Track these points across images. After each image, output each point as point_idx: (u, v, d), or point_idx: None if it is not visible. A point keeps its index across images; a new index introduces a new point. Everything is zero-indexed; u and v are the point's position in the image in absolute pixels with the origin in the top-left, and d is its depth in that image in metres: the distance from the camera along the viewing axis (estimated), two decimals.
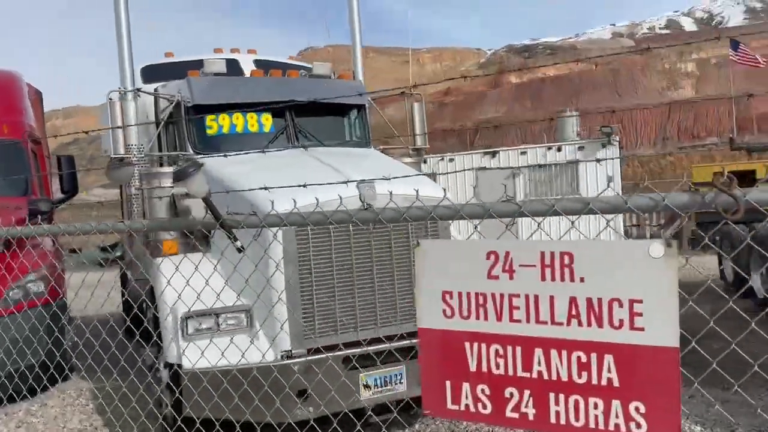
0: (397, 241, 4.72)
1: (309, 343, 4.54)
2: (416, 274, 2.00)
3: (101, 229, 2.85)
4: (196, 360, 4.37)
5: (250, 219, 2.35)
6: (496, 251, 1.85)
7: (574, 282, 1.76)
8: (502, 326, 1.86)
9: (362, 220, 2.39)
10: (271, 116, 6.35)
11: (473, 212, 2.13)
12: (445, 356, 1.96)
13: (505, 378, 1.86)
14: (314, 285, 4.54)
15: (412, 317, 4.80)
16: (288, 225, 2.40)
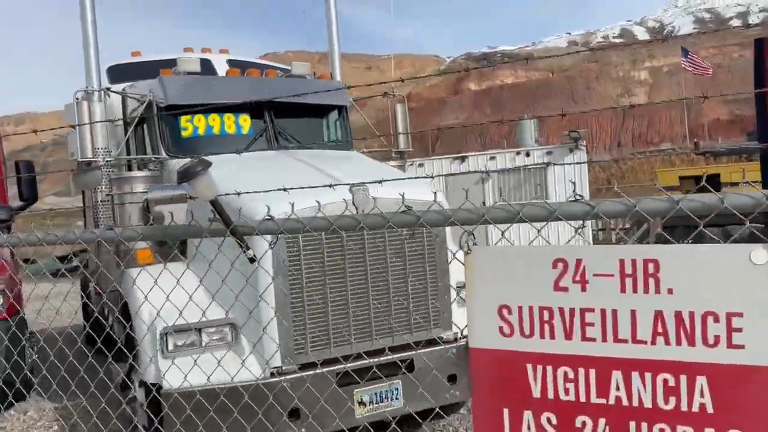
0: (392, 248, 4.46)
1: (301, 358, 4.24)
2: (467, 286, 1.74)
3: (86, 237, 2.52)
4: (178, 380, 4.03)
5: (265, 224, 2.06)
6: (565, 259, 1.61)
7: (660, 294, 1.53)
8: (572, 345, 1.62)
9: (370, 225, 2.14)
10: (250, 117, 6.02)
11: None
12: (502, 381, 1.71)
13: (576, 405, 1.62)
14: (306, 295, 4.24)
15: (408, 328, 4.54)
16: (311, 231, 2.12)
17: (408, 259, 4.50)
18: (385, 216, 2.17)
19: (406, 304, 4.49)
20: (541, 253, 1.64)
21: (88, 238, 2.69)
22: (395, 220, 2.14)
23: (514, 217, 1.83)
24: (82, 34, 6.23)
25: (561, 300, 1.62)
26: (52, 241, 2.62)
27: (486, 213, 1.88)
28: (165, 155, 5.77)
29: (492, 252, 1.72)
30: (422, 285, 4.56)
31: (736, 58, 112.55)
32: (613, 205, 1.85)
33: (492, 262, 1.70)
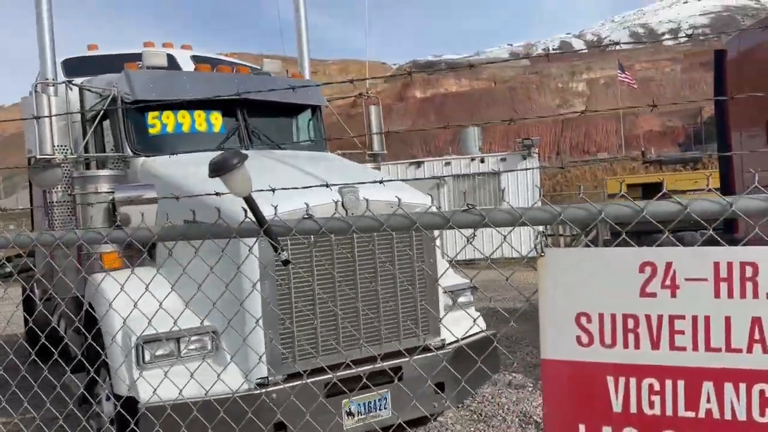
0: (381, 252, 4.30)
1: (287, 368, 4.02)
2: (539, 292, 1.61)
3: (89, 238, 2.27)
4: (153, 392, 3.75)
5: (304, 224, 1.87)
6: (653, 262, 1.50)
7: (758, 299, 1.44)
8: (659, 356, 1.51)
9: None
10: (221, 115, 5.76)
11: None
12: (579, 394, 1.58)
13: (662, 420, 1.51)
14: (293, 302, 4.03)
15: (396, 336, 4.39)
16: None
17: (397, 264, 4.35)
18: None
19: (395, 310, 4.34)
20: (625, 256, 1.53)
21: (92, 239, 2.43)
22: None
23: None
24: (36, 23, 5.84)
25: (648, 307, 1.51)
26: (73, 241, 2.37)
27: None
28: (130, 153, 5.45)
29: (569, 255, 1.60)
30: (411, 291, 4.42)
31: (667, 72, 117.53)
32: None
33: (568, 265, 1.58)
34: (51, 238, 2.68)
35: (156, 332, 3.88)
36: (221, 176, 1.92)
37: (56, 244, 5.18)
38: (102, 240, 2.28)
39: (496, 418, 5.79)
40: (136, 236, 2.17)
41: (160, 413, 3.69)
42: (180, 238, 2.07)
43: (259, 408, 3.79)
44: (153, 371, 3.93)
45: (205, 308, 3.94)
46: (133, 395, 3.88)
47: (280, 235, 1.95)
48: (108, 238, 2.41)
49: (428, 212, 2.05)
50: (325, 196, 4.05)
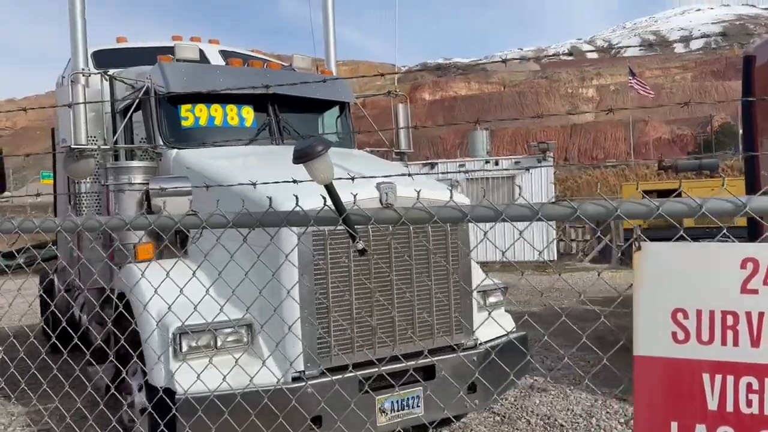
0: (416, 248, 4.28)
1: (324, 362, 4.00)
2: (635, 288, 1.59)
3: (161, 223, 2.26)
4: (191, 383, 3.74)
5: (385, 213, 1.85)
6: (755, 258, 1.48)
7: None
8: (759, 353, 1.49)
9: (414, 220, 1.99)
10: (253, 110, 5.75)
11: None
12: (672, 391, 1.56)
13: (760, 418, 1.49)
14: (331, 296, 4.02)
15: (430, 334, 4.36)
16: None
17: (432, 261, 4.34)
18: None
19: (429, 307, 4.32)
20: (726, 252, 1.51)
21: (164, 224, 2.42)
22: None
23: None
24: (69, 12, 5.85)
25: (749, 303, 1.49)
26: (119, 227, 2.36)
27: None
28: (162, 144, 5.45)
29: (666, 250, 1.58)
30: (445, 288, 4.40)
31: (678, 80, 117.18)
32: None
33: (666, 260, 1.56)
34: (95, 223, 2.67)
35: (193, 323, 3.88)
36: (305, 163, 1.91)
37: (83, 235, 5.16)
38: (148, 227, 2.28)
39: (520, 420, 5.76)
40: (210, 222, 2.16)
41: (198, 405, 3.67)
42: (256, 225, 2.05)
43: (297, 401, 3.77)
44: (190, 362, 3.92)
45: (240, 300, 3.93)
46: (170, 386, 3.86)
47: (358, 224, 1.93)
48: (155, 225, 2.40)
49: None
50: (366, 190, 4.04)
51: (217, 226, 2.39)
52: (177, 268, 3.56)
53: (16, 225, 2.96)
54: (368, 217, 1.89)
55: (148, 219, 2.61)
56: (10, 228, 3.00)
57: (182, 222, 2.31)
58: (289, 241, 3.88)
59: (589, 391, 6.46)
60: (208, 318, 3.83)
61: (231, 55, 6.89)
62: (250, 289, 3.51)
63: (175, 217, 2.39)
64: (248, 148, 5.45)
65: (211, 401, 3.64)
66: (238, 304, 4.03)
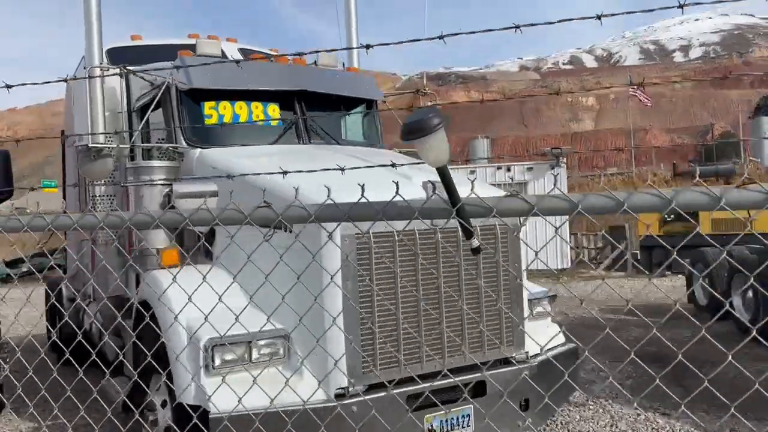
0: (465, 252, 3.96)
1: (369, 378, 3.68)
2: None
3: (227, 216, 1.95)
4: (227, 401, 3.41)
5: (510, 202, 1.54)
6: None
7: None
8: None
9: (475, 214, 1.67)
10: (278, 107, 5.45)
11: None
12: None
13: None
14: (376, 305, 3.70)
15: (479, 347, 4.04)
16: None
17: (482, 268, 4.02)
18: (487, 205, 1.69)
19: (479, 317, 4.00)
20: None
21: (231, 218, 2.11)
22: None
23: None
24: (83, 6, 5.56)
25: None
26: (177, 222, 2.06)
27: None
28: (184, 144, 5.14)
29: None
30: (495, 297, 4.08)
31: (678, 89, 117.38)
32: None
33: None
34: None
35: (226, 335, 3.56)
36: (416, 140, 1.58)
37: (98, 241, 4.82)
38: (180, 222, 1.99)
39: None
40: (286, 216, 1.84)
41: (233, 424, 3.35)
42: (343, 219, 1.75)
43: (338, 421, 3.44)
44: (222, 378, 3.59)
45: (274, 309, 3.61)
46: (202, 405, 3.54)
47: (475, 216, 1.61)
48: (190, 219, 2.11)
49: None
50: (411, 190, 3.73)
51: (297, 221, 2.08)
52: (205, 275, 3.25)
53: (25, 222, 2.64)
54: (489, 207, 1.57)
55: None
56: (18, 226, 2.68)
57: (252, 215, 2.01)
58: (330, 245, 3.57)
59: (629, 406, 6.13)
60: (240, 329, 3.52)
61: (249, 53, 6.60)
62: (287, 297, 3.20)
63: (308, 209, 2.05)
64: (275, 147, 5.15)
65: (248, 421, 3.33)
66: (274, 315, 3.72)
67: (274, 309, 3.30)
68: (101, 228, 2.49)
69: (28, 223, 2.65)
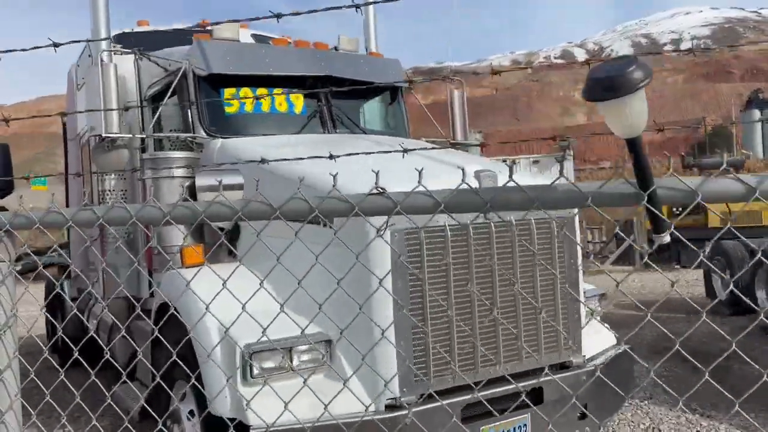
0: (521, 248, 3.65)
1: (421, 387, 3.36)
2: None
3: (294, 208, 1.65)
4: (267, 413, 3.08)
5: (715, 184, 1.21)
6: None
7: None
8: None
9: None
10: (302, 95, 5.11)
11: None
12: None
13: None
14: (429, 307, 3.38)
15: (536, 351, 3.72)
16: None
17: (538, 265, 3.71)
18: (688, 187, 1.37)
19: (535, 318, 3.70)
20: None
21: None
22: (709, 189, 1.35)
23: None
24: None
25: None
26: (228, 215, 1.75)
27: None
28: (204, 134, 4.79)
29: None
30: (551, 296, 3.77)
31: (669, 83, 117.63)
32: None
33: None
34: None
35: (265, 340, 3.24)
36: (609, 101, 1.19)
37: (107, 237, 4.43)
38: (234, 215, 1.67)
39: None
40: (362, 207, 1.52)
41: None
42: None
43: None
44: (261, 387, 3.27)
45: (314, 311, 3.29)
46: (240, 418, 3.21)
47: (669, 203, 1.28)
48: (243, 213, 1.80)
49: None
50: (454, 181, 3.42)
51: (339, 214, 1.77)
52: (235, 275, 2.92)
53: (38, 218, 2.30)
54: (691, 191, 1.23)
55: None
56: (27, 223, 2.33)
57: (320, 208, 1.69)
58: (379, 241, 3.25)
59: (667, 406, 5.85)
60: (279, 334, 3.20)
61: (261, 40, 6.26)
62: (326, 298, 2.89)
63: (393, 197, 1.74)
64: (301, 137, 4.82)
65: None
66: (311, 317, 3.39)
67: (312, 311, 2.98)
68: (131, 223, 2.15)
69: (42, 219, 2.31)
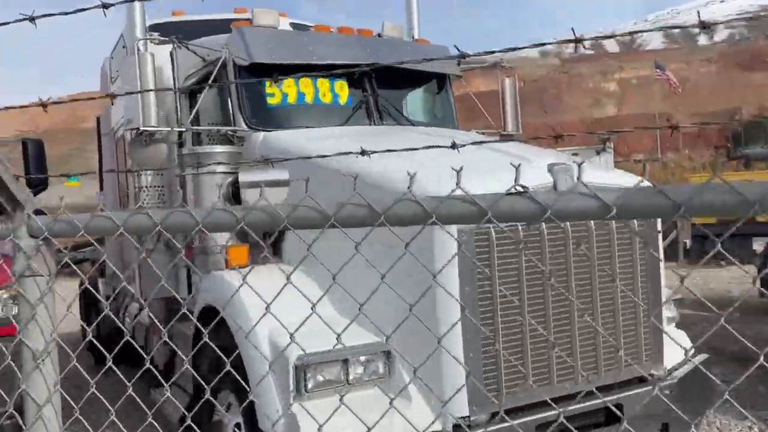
0: (600, 252, 3.31)
1: (491, 404, 3.04)
2: None
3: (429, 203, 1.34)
4: None
5: None
6: None
7: None
8: None
9: None
10: (347, 85, 4.82)
11: None
12: None
13: None
14: (500, 315, 3.06)
15: (615, 364, 3.38)
16: None
17: (617, 269, 3.37)
18: None
19: (614, 328, 3.35)
20: None
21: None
22: None
23: None
24: None
25: None
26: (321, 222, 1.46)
27: None
28: (244, 126, 4.53)
29: None
30: (632, 303, 3.42)
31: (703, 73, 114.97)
32: None
33: None
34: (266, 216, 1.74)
35: (319, 351, 2.96)
36: None
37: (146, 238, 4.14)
38: None
39: None
40: (498, 212, 1.22)
41: None
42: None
43: None
44: (315, 402, 2.99)
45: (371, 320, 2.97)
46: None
47: None
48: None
49: None
50: (534, 174, 3.08)
51: (411, 222, 1.48)
52: (283, 279, 2.63)
53: (82, 224, 2.00)
54: None
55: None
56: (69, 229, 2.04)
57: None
58: (446, 243, 2.95)
59: (733, 415, 5.45)
60: (331, 344, 2.91)
61: (299, 27, 5.97)
62: (386, 304, 2.60)
63: (540, 196, 1.46)
64: (349, 129, 4.52)
65: None
66: (368, 326, 3.09)
67: (368, 319, 2.68)
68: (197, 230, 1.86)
69: (87, 225, 2.01)
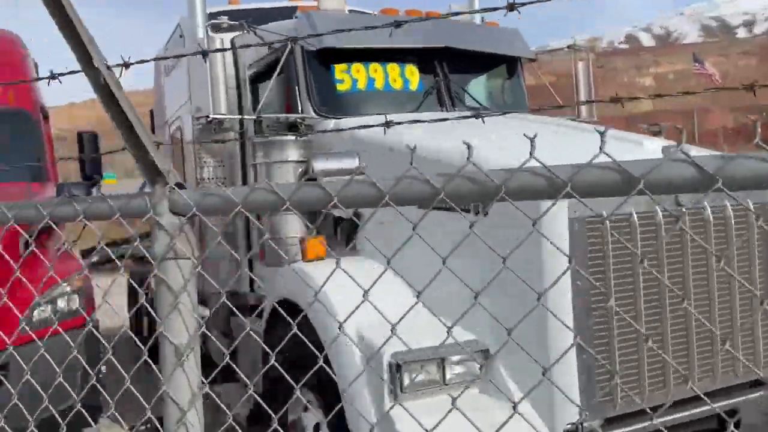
0: (717, 243, 3.04)
1: (605, 410, 2.80)
2: None
3: None
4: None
5: None
6: None
7: None
8: None
9: None
10: (417, 70, 4.60)
11: None
12: None
13: None
14: (614, 311, 2.81)
15: (731, 366, 3.10)
16: None
17: (736, 261, 3.09)
18: None
19: (731, 327, 3.08)
20: None
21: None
22: None
23: None
24: None
25: None
26: None
27: None
28: (313, 114, 4.34)
29: None
30: (748, 300, 3.14)
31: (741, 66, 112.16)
32: None
33: None
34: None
35: (415, 348, 2.75)
36: None
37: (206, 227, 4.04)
38: None
39: None
40: None
41: None
42: None
43: None
44: (411, 403, 2.78)
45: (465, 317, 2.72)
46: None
47: None
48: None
49: None
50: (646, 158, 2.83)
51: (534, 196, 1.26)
52: (367, 272, 2.41)
53: (240, 197, 1.70)
54: None
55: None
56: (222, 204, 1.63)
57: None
58: (552, 231, 2.70)
59: None
60: (429, 341, 2.72)
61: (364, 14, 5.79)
62: (481, 300, 2.35)
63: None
64: (418, 116, 4.31)
65: None
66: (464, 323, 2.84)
67: (460, 315, 2.46)
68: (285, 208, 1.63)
69: (245, 199, 1.78)
